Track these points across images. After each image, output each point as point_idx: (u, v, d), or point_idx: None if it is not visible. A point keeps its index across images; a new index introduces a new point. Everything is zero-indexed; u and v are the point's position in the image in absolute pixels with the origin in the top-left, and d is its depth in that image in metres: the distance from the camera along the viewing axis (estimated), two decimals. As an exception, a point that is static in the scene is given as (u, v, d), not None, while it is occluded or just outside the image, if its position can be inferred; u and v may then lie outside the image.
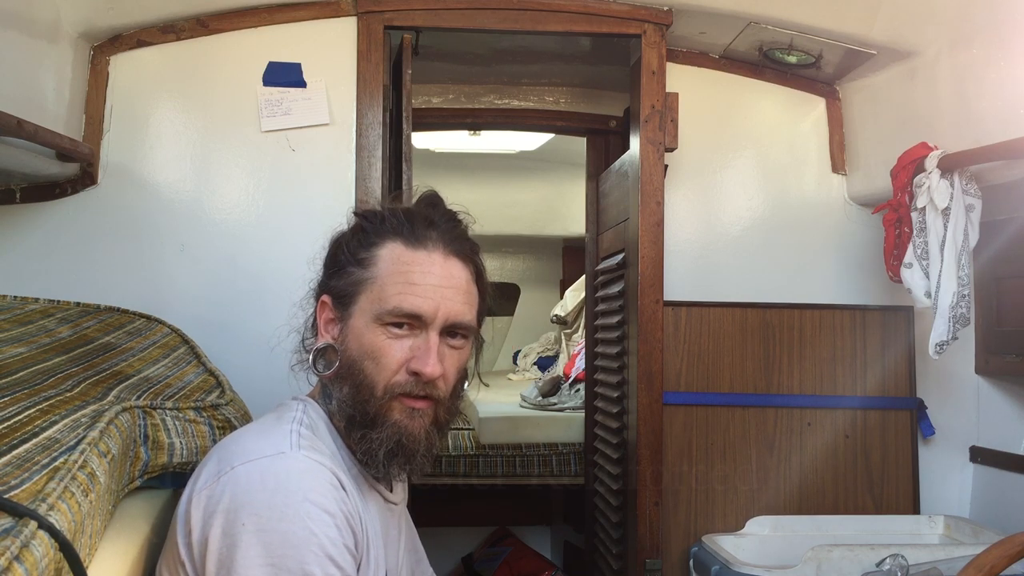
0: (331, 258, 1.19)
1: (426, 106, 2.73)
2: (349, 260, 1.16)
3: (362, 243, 1.16)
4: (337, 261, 1.17)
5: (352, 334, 1.13)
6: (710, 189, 2.33)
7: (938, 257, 1.87)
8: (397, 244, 1.14)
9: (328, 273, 1.19)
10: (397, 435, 1.11)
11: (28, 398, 1.08)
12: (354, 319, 1.13)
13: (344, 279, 1.15)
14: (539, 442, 3.46)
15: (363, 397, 1.11)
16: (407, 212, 1.17)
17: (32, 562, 0.78)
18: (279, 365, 1.94)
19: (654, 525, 2.09)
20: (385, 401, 1.11)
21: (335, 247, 1.20)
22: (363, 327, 1.12)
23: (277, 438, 1.05)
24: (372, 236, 1.16)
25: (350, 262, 1.15)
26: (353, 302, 1.13)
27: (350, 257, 1.16)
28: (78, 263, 2.03)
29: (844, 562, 1.83)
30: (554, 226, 4.76)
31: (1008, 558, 1.22)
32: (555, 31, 2.13)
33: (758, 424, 2.25)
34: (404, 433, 1.11)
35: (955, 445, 2.31)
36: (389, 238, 1.15)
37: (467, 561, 3.91)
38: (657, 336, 2.12)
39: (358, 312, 1.13)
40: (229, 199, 2.08)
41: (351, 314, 1.13)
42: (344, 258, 1.16)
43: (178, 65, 2.08)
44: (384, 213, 1.18)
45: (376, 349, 1.11)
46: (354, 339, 1.12)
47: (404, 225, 1.15)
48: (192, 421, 1.29)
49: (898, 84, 2.08)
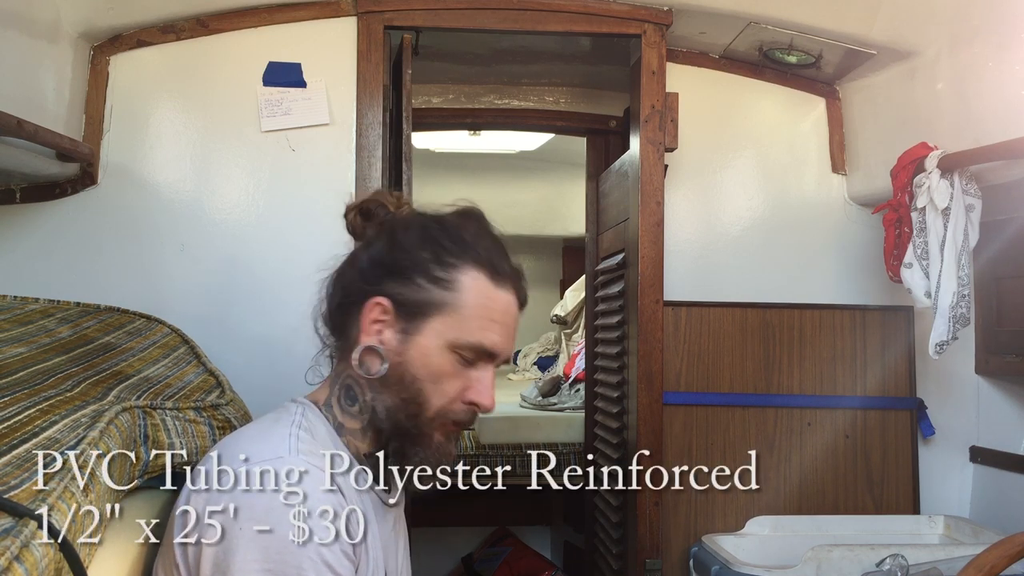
0: (391, 260, 1.13)
1: (426, 106, 2.73)
2: (421, 272, 1.12)
3: (438, 259, 1.12)
4: (401, 267, 1.12)
5: (416, 351, 1.11)
6: (710, 189, 2.33)
7: (938, 257, 1.87)
8: (481, 276, 1.13)
9: (385, 274, 1.13)
10: (438, 457, 1.13)
11: (28, 398, 1.08)
12: (423, 337, 1.11)
13: (415, 292, 1.11)
14: (539, 442, 3.46)
15: (411, 412, 1.12)
16: (487, 242, 1.16)
17: (32, 562, 0.78)
18: (279, 365, 1.96)
19: (654, 525, 2.09)
20: (434, 423, 1.13)
21: (396, 248, 1.14)
22: (433, 348, 1.11)
23: (276, 442, 1.05)
24: (449, 256, 1.13)
25: (423, 275, 1.11)
26: (424, 319, 1.11)
27: (422, 270, 1.12)
28: (78, 263, 2.03)
29: (844, 562, 1.82)
30: (554, 226, 4.76)
31: (1008, 558, 1.22)
32: (555, 31, 2.13)
33: (758, 424, 2.25)
34: (444, 455, 1.14)
35: (955, 445, 2.31)
36: (472, 265, 1.13)
37: (467, 561, 3.91)
38: (657, 336, 2.12)
39: (430, 331, 1.11)
40: (229, 199, 2.08)
41: (419, 330, 1.11)
42: (412, 267, 1.12)
43: (178, 65, 2.08)
44: (462, 234, 1.15)
45: (442, 374, 1.11)
46: (418, 356, 1.11)
47: (488, 257, 1.14)
48: (192, 421, 1.29)
49: (898, 84, 2.07)
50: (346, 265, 1.17)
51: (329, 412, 1.15)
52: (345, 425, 1.15)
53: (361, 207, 1.21)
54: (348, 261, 1.18)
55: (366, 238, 1.18)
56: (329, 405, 1.15)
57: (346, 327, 1.15)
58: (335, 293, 1.16)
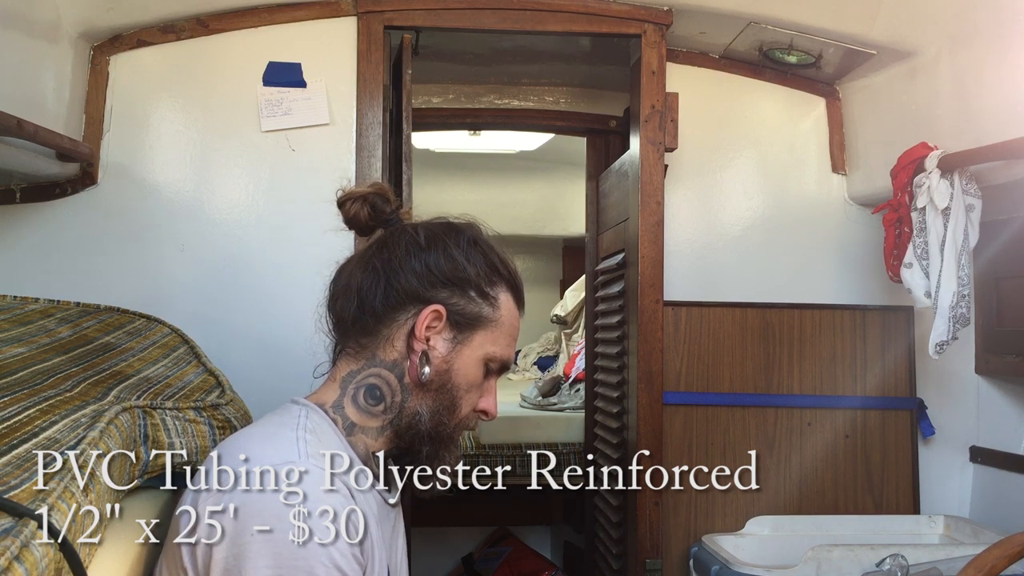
0: (450, 270, 1.16)
1: (426, 106, 2.73)
2: (473, 286, 1.16)
3: (488, 277, 1.18)
4: (458, 278, 1.16)
5: (461, 360, 1.16)
6: (710, 189, 2.33)
7: (938, 257, 1.87)
8: (510, 298, 1.20)
9: (442, 282, 1.15)
10: (457, 460, 1.21)
11: (28, 398, 1.08)
12: (469, 348, 1.16)
13: (469, 304, 1.16)
14: (539, 442, 3.46)
15: (443, 419, 1.16)
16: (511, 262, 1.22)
17: (32, 562, 0.78)
18: (279, 364, 1.96)
19: (654, 525, 2.09)
20: (459, 428, 1.19)
21: (451, 259, 1.16)
22: (473, 360, 1.17)
23: (284, 445, 1.05)
24: (494, 274, 1.19)
25: (475, 289, 1.16)
26: (472, 331, 1.16)
27: (475, 284, 1.17)
28: (78, 263, 2.03)
29: (844, 562, 1.82)
30: (554, 226, 4.76)
31: (1008, 558, 1.22)
32: (555, 31, 2.13)
33: (758, 424, 2.25)
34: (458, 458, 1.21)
35: (955, 445, 2.31)
36: (505, 286, 1.20)
37: (467, 561, 3.91)
38: (657, 336, 2.12)
39: (475, 344, 1.17)
40: (229, 199, 2.08)
41: (466, 342, 1.16)
42: (466, 280, 1.16)
43: (178, 65, 2.08)
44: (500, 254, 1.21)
45: (473, 384, 1.18)
46: (462, 366, 1.16)
47: (515, 278, 1.22)
48: (192, 421, 1.29)
49: (898, 84, 2.07)
50: (388, 264, 1.16)
51: (339, 413, 1.15)
52: (359, 424, 1.15)
53: (367, 198, 1.22)
54: (389, 261, 1.17)
55: (405, 242, 1.17)
56: (339, 406, 1.15)
57: (381, 327, 1.16)
58: (375, 292, 1.16)
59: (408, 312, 1.15)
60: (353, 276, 1.18)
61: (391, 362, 1.15)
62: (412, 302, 1.15)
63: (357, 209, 1.22)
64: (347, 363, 1.17)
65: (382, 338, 1.15)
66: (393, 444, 1.15)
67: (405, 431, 1.15)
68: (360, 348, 1.16)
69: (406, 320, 1.15)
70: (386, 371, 1.15)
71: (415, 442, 1.15)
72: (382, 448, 1.15)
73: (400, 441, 1.15)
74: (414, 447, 1.15)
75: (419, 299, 1.15)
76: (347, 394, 1.15)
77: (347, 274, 1.19)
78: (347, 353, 1.18)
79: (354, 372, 1.16)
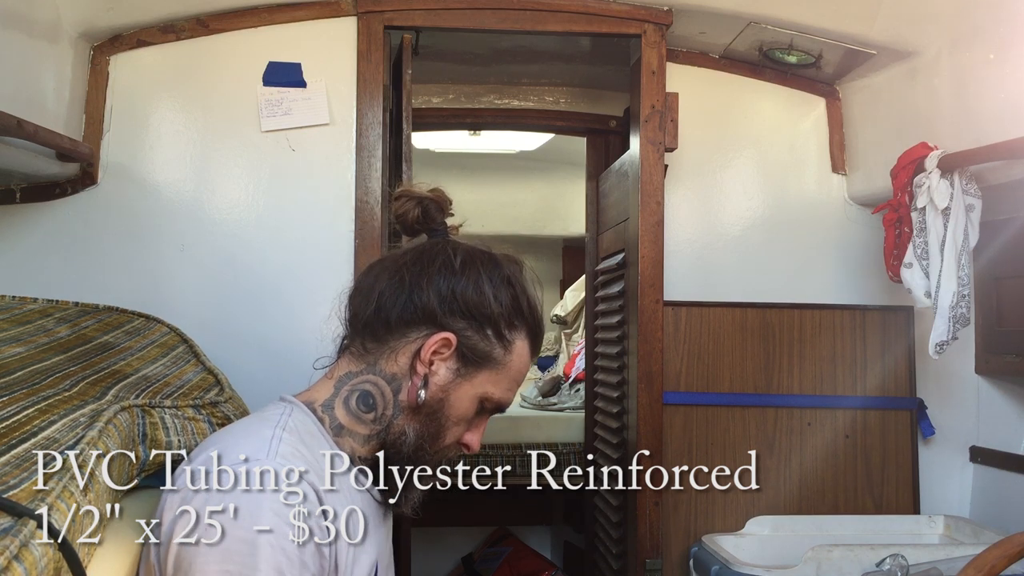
0: (473, 301, 1.14)
1: (426, 106, 2.73)
2: (491, 325, 1.14)
3: (507, 318, 1.15)
4: (479, 312, 1.14)
5: (457, 394, 1.15)
6: (710, 189, 2.33)
7: (938, 257, 1.87)
8: (526, 345, 1.18)
9: (461, 312, 1.13)
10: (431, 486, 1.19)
11: (27, 398, 1.08)
12: (469, 384, 1.15)
13: (481, 341, 1.14)
14: (539, 442, 3.46)
15: (425, 444, 1.15)
16: (538, 309, 1.20)
17: (31, 561, 0.78)
18: (278, 363, 1.96)
19: (654, 525, 2.09)
20: (436, 457, 1.17)
21: (479, 291, 1.14)
22: (470, 396, 1.15)
23: (256, 443, 1.04)
24: (516, 318, 1.16)
25: (492, 328, 1.14)
26: (477, 369, 1.15)
27: (493, 323, 1.14)
28: (78, 263, 2.03)
29: (844, 562, 1.82)
30: (554, 226, 4.76)
31: (1008, 558, 1.22)
32: (555, 31, 2.13)
33: (758, 424, 2.25)
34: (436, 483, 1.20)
35: (955, 445, 2.31)
36: (524, 331, 1.17)
37: (467, 561, 3.91)
38: (657, 336, 2.12)
39: (477, 381, 1.15)
40: (229, 199, 2.08)
41: (468, 378, 1.15)
42: (486, 317, 1.14)
43: (178, 65, 2.08)
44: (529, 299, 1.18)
45: (463, 418, 1.16)
46: (457, 399, 1.15)
47: (537, 327, 1.19)
48: (191, 419, 1.29)
49: (898, 84, 2.07)
50: (416, 279, 1.14)
51: (328, 412, 1.14)
52: (347, 427, 1.14)
53: (422, 201, 1.21)
54: (418, 276, 1.14)
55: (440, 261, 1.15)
56: (329, 406, 1.14)
57: (390, 337, 1.14)
58: (394, 301, 1.14)
59: (420, 332, 1.13)
60: (380, 278, 1.16)
61: (391, 375, 1.14)
62: (427, 323, 1.13)
63: (409, 208, 1.21)
64: (348, 362, 1.17)
65: (388, 349, 1.14)
66: (377, 452, 1.15)
67: (389, 446, 1.14)
68: (364, 352, 1.16)
69: (416, 339, 1.13)
70: (384, 382, 1.14)
71: (394, 459, 1.14)
72: (368, 454, 1.15)
73: (388, 454, 1.15)
74: (392, 462, 1.15)
75: (434, 322, 1.13)
76: (340, 395, 1.15)
77: (376, 273, 1.18)
78: (351, 352, 1.17)
79: (352, 373, 1.16)
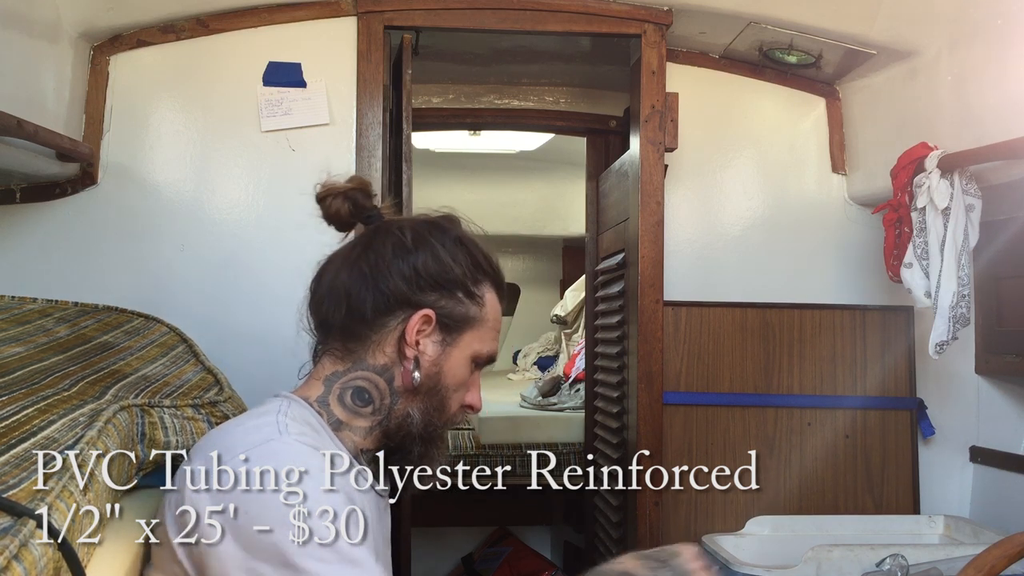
0: (437, 272, 1.14)
1: (426, 106, 2.73)
2: (460, 287, 1.16)
3: (472, 275, 1.17)
4: (446, 280, 1.15)
5: (450, 362, 1.16)
6: (710, 189, 2.33)
7: (938, 257, 1.87)
8: (494, 295, 1.20)
9: (430, 285, 1.14)
10: (446, 456, 1.22)
11: (26, 397, 1.08)
12: (457, 349, 1.16)
13: (457, 306, 1.15)
14: (539, 442, 3.46)
15: (433, 419, 1.16)
16: (493, 257, 1.21)
17: (31, 561, 0.78)
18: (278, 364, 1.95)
19: (654, 525, 2.09)
20: (446, 426, 1.19)
21: (438, 261, 1.15)
22: (460, 360, 1.17)
23: (265, 428, 1.04)
24: (479, 272, 1.17)
25: (462, 289, 1.16)
26: (460, 333, 1.16)
27: (461, 284, 1.16)
28: (78, 263, 2.03)
29: (844, 562, 1.82)
30: (554, 226, 4.76)
31: (1008, 558, 1.22)
32: (555, 31, 2.13)
33: (758, 424, 2.25)
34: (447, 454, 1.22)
35: (955, 445, 2.30)
36: (489, 283, 1.19)
37: (467, 561, 3.91)
38: (657, 336, 2.12)
39: (464, 344, 1.16)
40: (229, 199, 2.08)
41: (455, 344, 1.16)
42: (454, 281, 1.15)
43: (178, 65, 2.08)
44: (483, 250, 1.20)
45: (461, 382, 1.18)
46: (451, 367, 1.16)
47: (497, 273, 1.21)
48: (190, 419, 1.29)
49: (898, 84, 2.07)
50: (375, 268, 1.14)
51: (324, 408, 1.13)
52: (346, 422, 1.14)
53: (347, 194, 1.20)
54: (375, 264, 1.14)
55: (392, 243, 1.15)
56: (324, 402, 1.14)
57: (370, 332, 1.14)
58: (363, 297, 1.13)
59: (397, 317, 1.13)
60: (338, 278, 1.15)
61: (380, 367, 1.14)
62: (401, 307, 1.13)
63: (338, 205, 1.20)
64: (331, 363, 1.16)
65: (371, 343, 1.14)
66: (382, 443, 1.15)
67: (395, 432, 1.14)
68: (346, 352, 1.15)
69: (396, 325, 1.13)
70: (375, 375, 1.14)
71: (406, 442, 1.15)
72: (371, 446, 1.15)
73: (389, 440, 1.15)
74: (404, 446, 1.15)
75: (408, 304, 1.13)
76: (332, 393, 1.14)
77: (331, 275, 1.16)
78: (331, 354, 1.16)
79: (339, 373, 1.15)
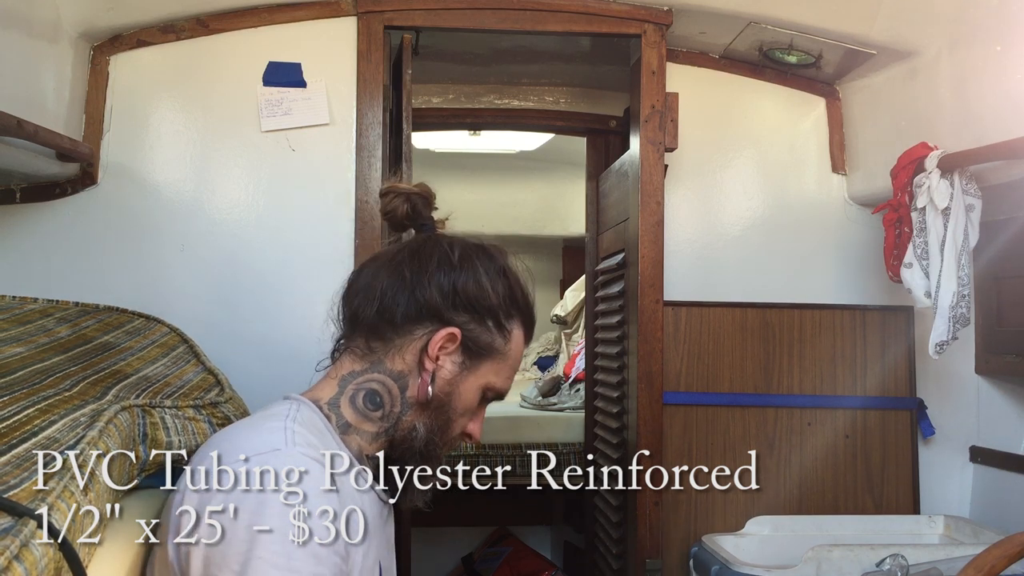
0: (474, 295, 1.15)
1: (426, 106, 2.73)
2: (492, 317, 1.16)
3: (506, 309, 1.18)
4: (481, 306, 1.16)
5: (464, 386, 1.17)
6: (710, 189, 2.32)
7: (938, 257, 1.87)
8: (522, 333, 1.21)
9: (464, 306, 1.15)
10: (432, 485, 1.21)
11: (27, 397, 1.08)
12: (473, 376, 1.17)
13: (484, 333, 1.16)
14: (539, 442, 3.46)
15: (433, 438, 1.17)
16: (529, 297, 1.23)
17: (32, 561, 0.78)
18: (279, 363, 1.96)
19: (654, 525, 2.09)
20: (445, 448, 1.20)
21: (478, 285, 1.16)
22: (474, 387, 1.18)
23: (271, 437, 1.04)
24: (514, 308, 1.19)
25: (493, 319, 1.17)
26: (481, 361, 1.17)
27: (494, 315, 1.17)
28: (78, 263, 2.03)
29: (844, 562, 1.82)
30: (554, 226, 4.76)
31: (1008, 558, 1.22)
32: (555, 31, 2.13)
33: (758, 424, 2.25)
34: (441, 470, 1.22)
35: (955, 445, 2.31)
36: (520, 320, 1.20)
37: (467, 561, 3.91)
38: (657, 336, 2.12)
39: (481, 372, 1.17)
40: (229, 199, 2.08)
41: (473, 370, 1.17)
42: (487, 309, 1.16)
43: (178, 65, 2.08)
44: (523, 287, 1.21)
45: (468, 409, 1.19)
46: (464, 391, 1.17)
47: (530, 314, 1.22)
48: (191, 419, 1.29)
49: (898, 84, 2.07)
50: (417, 275, 1.15)
51: (334, 411, 1.14)
52: (355, 425, 1.14)
53: (410, 196, 1.22)
54: (418, 272, 1.15)
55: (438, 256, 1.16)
56: (335, 404, 1.14)
57: (396, 335, 1.15)
58: (398, 300, 1.15)
59: (425, 328, 1.14)
60: (378, 276, 1.16)
61: (397, 372, 1.15)
62: (431, 319, 1.14)
63: (398, 204, 1.22)
64: (351, 362, 1.17)
65: (393, 347, 1.15)
66: (385, 450, 1.16)
67: (399, 443, 1.15)
68: (368, 351, 1.16)
69: (421, 336, 1.14)
70: (390, 380, 1.15)
71: (406, 456, 1.16)
72: (376, 452, 1.15)
73: (391, 451, 1.16)
74: (404, 460, 1.16)
75: (439, 318, 1.14)
76: (345, 394, 1.15)
77: (371, 271, 1.18)
78: (352, 351, 1.17)
79: (356, 372, 1.16)
